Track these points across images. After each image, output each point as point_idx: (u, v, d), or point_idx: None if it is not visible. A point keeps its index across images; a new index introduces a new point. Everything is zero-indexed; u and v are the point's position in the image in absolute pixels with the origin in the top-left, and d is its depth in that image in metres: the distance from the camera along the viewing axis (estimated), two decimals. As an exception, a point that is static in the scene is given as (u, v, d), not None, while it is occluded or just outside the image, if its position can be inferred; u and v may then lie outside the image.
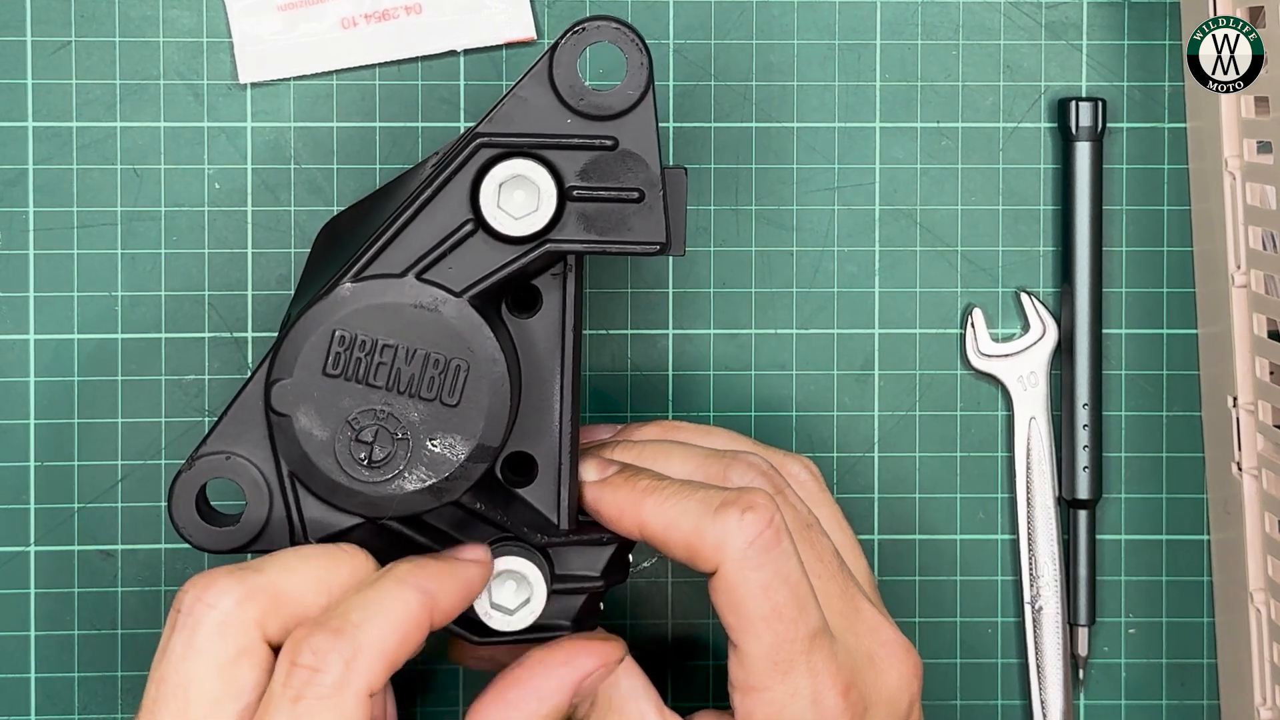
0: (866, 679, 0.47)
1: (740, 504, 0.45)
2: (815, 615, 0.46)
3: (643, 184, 0.45)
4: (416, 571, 0.42)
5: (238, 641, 0.40)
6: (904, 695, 0.47)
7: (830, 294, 0.57)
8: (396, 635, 0.41)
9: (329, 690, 0.39)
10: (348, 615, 0.40)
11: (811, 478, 0.51)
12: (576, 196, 0.45)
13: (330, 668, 0.39)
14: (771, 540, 0.45)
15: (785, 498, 0.48)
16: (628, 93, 0.45)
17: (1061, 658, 0.57)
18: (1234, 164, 0.53)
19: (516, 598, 0.45)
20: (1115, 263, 0.57)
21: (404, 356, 0.45)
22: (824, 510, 0.50)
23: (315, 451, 0.45)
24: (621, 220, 0.45)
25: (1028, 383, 0.57)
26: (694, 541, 0.45)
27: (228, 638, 0.40)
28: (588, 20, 0.45)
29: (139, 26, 0.56)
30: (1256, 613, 0.54)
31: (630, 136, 0.45)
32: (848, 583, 0.48)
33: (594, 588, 0.47)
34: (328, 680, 0.39)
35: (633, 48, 0.45)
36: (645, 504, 0.46)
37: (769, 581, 0.45)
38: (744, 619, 0.45)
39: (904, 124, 0.57)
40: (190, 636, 0.40)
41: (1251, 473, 0.54)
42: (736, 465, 0.48)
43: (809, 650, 0.45)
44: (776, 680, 0.45)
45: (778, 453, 0.51)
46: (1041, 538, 0.57)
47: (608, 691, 0.48)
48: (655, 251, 0.46)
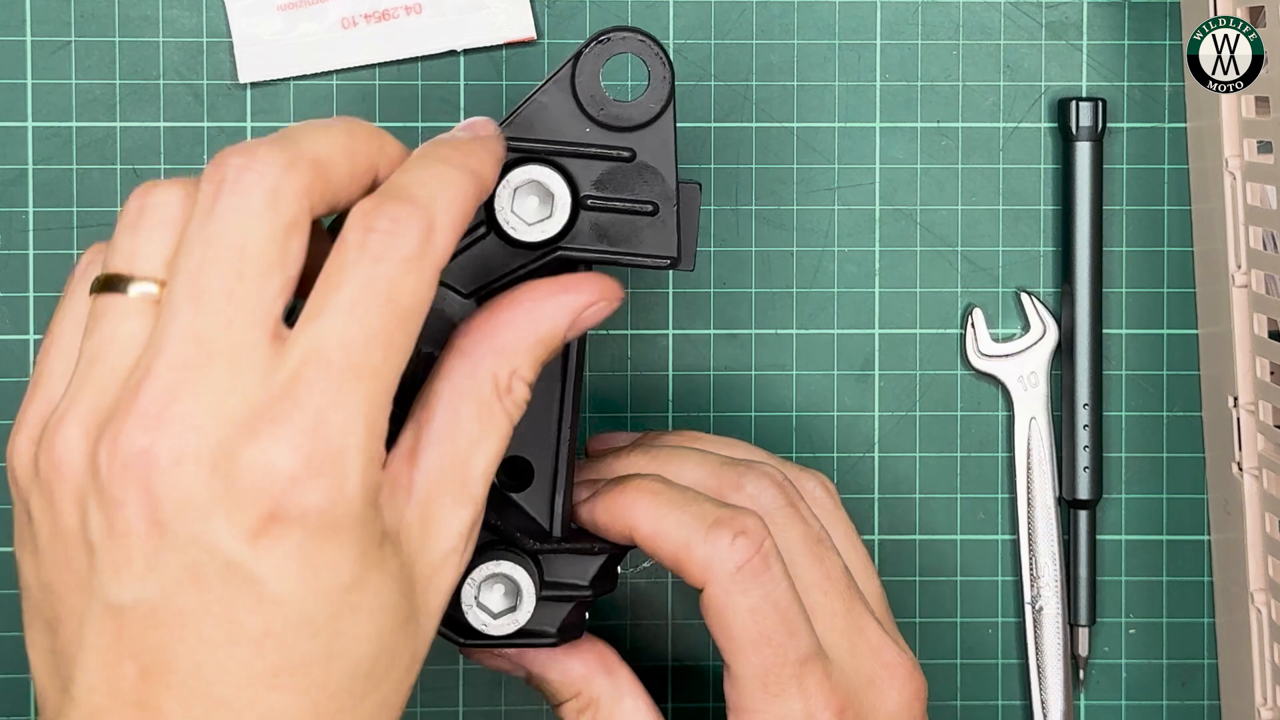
0: (865, 700, 0.46)
1: (732, 526, 0.45)
2: (806, 638, 0.45)
3: (658, 198, 0.45)
4: (455, 154, 0.40)
5: (290, 210, 0.37)
6: (904, 718, 0.47)
7: (830, 294, 0.57)
8: (461, 212, 0.39)
9: (411, 253, 0.37)
10: (413, 190, 0.38)
11: (827, 495, 0.50)
12: (591, 206, 0.45)
13: (409, 234, 0.37)
14: (759, 566, 0.45)
15: (798, 511, 0.48)
16: (649, 105, 0.45)
17: (1062, 658, 0.57)
18: (1234, 164, 0.53)
19: (504, 602, 0.45)
20: (1115, 263, 0.57)
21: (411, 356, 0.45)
22: (838, 528, 0.50)
23: None
24: (634, 232, 0.45)
25: (1028, 383, 0.57)
26: (682, 556, 0.45)
27: (280, 207, 0.37)
28: (613, 30, 0.45)
29: (139, 26, 0.56)
30: (1257, 613, 0.54)
31: (649, 150, 0.45)
32: (854, 601, 0.47)
33: (582, 597, 0.47)
34: (409, 245, 0.37)
35: (656, 61, 0.45)
36: (637, 507, 0.46)
37: (756, 606, 0.45)
38: (733, 642, 0.45)
39: (904, 124, 0.57)
40: (244, 202, 0.37)
41: (1252, 473, 0.54)
42: (750, 475, 0.48)
43: (799, 674, 0.45)
44: (767, 702, 0.45)
45: (794, 467, 0.51)
46: (1042, 538, 0.57)
47: (609, 708, 0.47)
48: (665, 266, 0.46)
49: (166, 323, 0.36)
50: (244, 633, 0.35)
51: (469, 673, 0.57)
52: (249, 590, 0.35)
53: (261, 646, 0.35)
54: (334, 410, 0.36)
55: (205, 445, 0.35)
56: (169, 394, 0.35)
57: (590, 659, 0.48)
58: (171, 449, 0.35)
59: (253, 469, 0.35)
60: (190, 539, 0.35)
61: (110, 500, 0.35)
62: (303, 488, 0.35)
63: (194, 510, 0.35)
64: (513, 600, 0.45)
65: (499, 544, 0.46)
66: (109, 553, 0.36)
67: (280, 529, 0.35)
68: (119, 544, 0.35)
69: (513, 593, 0.45)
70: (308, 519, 0.35)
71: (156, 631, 0.35)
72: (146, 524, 0.35)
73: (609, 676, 0.48)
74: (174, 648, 0.35)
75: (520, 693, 0.57)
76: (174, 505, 0.35)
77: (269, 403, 0.35)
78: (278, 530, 0.35)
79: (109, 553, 0.36)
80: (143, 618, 0.36)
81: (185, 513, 0.35)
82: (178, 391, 0.35)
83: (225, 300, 0.36)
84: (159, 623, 0.35)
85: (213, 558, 0.35)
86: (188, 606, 0.35)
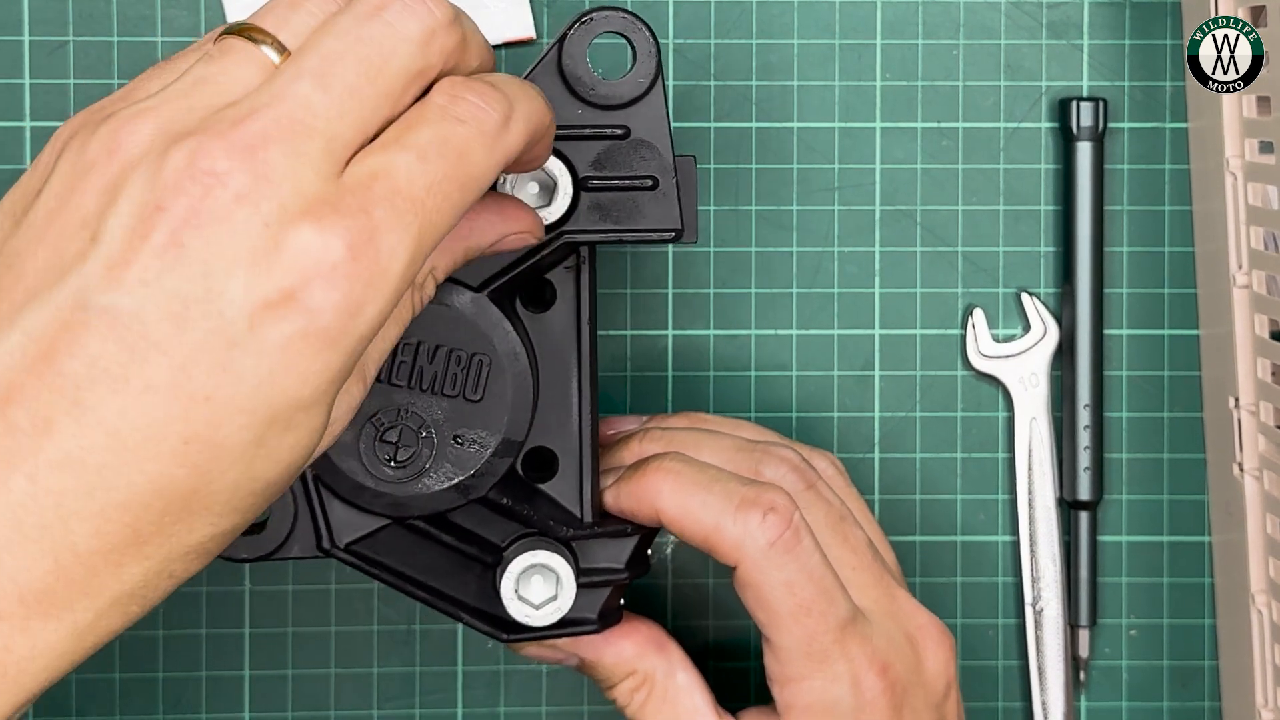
0: (905, 659, 0.47)
1: (761, 504, 0.46)
2: (844, 604, 0.46)
3: (656, 171, 0.46)
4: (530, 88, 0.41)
5: (431, 58, 0.37)
6: (941, 678, 0.48)
7: (830, 294, 0.57)
8: (532, 126, 0.39)
9: (490, 129, 0.37)
10: (501, 84, 0.39)
11: (838, 473, 0.51)
12: (591, 186, 0.45)
13: (492, 113, 0.38)
14: (792, 540, 0.46)
15: (818, 491, 0.49)
16: (638, 80, 0.45)
17: (1062, 659, 0.57)
18: (1235, 164, 0.53)
19: (545, 592, 0.45)
20: (1116, 263, 0.57)
21: (425, 354, 0.45)
22: (852, 503, 0.51)
23: (339, 453, 0.45)
24: (636, 208, 0.46)
25: (1029, 383, 0.57)
26: (713, 537, 0.46)
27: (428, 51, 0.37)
28: (595, 10, 0.45)
29: (137, 26, 0.56)
30: (1258, 614, 0.54)
31: (642, 124, 0.46)
32: (882, 572, 0.48)
33: (618, 580, 0.47)
34: (490, 121, 0.37)
35: (641, 36, 0.45)
36: (663, 489, 0.47)
37: (792, 579, 0.46)
38: (773, 615, 0.46)
39: (904, 124, 0.57)
40: (406, 27, 0.37)
41: (1253, 474, 0.54)
42: (769, 459, 0.49)
43: (842, 638, 0.46)
44: (813, 669, 0.46)
45: (804, 447, 0.52)
46: (1042, 539, 0.57)
47: (663, 683, 0.48)
48: (671, 238, 0.46)
49: (288, 81, 0.36)
50: (182, 389, 0.34)
51: (469, 673, 0.57)
52: (220, 353, 0.34)
53: (189, 412, 0.34)
54: (388, 233, 0.35)
55: (272, 200, 0.34)
56: (264, 138, 0.35)
57: (641, 638, 0.49)
58: (241, 186, 0.34)
59: (299, 244, 0.34)
60: (200, 273, 0.34)
61: (151, 202, 0.34)
62: (331, 282, 0.34)
63: (223, 251, 0.34)
64: (553, 589, 0.45)
65: (533, 534, 0.46)
66: (113, 247, 0.34)
67: (287, 311, 0.34)
68: (130, 245, 0.34)
69: (552, 581, 0.45)
70: (317, 316, 0.34)
71: (104, 343, 0.34)
72: (169, 239, 0.34)
73: (661, 653, 0.49)
74: (109, 365, 0.34)
75: (520, 693, 0.57)
76: (207, 237, 0.34)
77: (338, 194, 0.35)
78: (284, 311, 0.34)
79: (113, 247, 0.34)
80: (102, 323, 0.34)
81: (213, 247, 0.34)
82: (272, 141, 0.35)
83: (348, 94, 0.36)
84: (113, 336, 0.34)
85: (208, 304, 0.34)
86: (152, 335, 0.34)
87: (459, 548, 0.46)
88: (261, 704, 0.57)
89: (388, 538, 0.46)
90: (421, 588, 0.47)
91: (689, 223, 0.46)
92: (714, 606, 0.57)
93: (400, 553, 0.46)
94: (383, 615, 0.57)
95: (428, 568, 0.47)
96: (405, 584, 0.47)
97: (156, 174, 0.35)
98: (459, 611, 0.47)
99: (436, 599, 0.47)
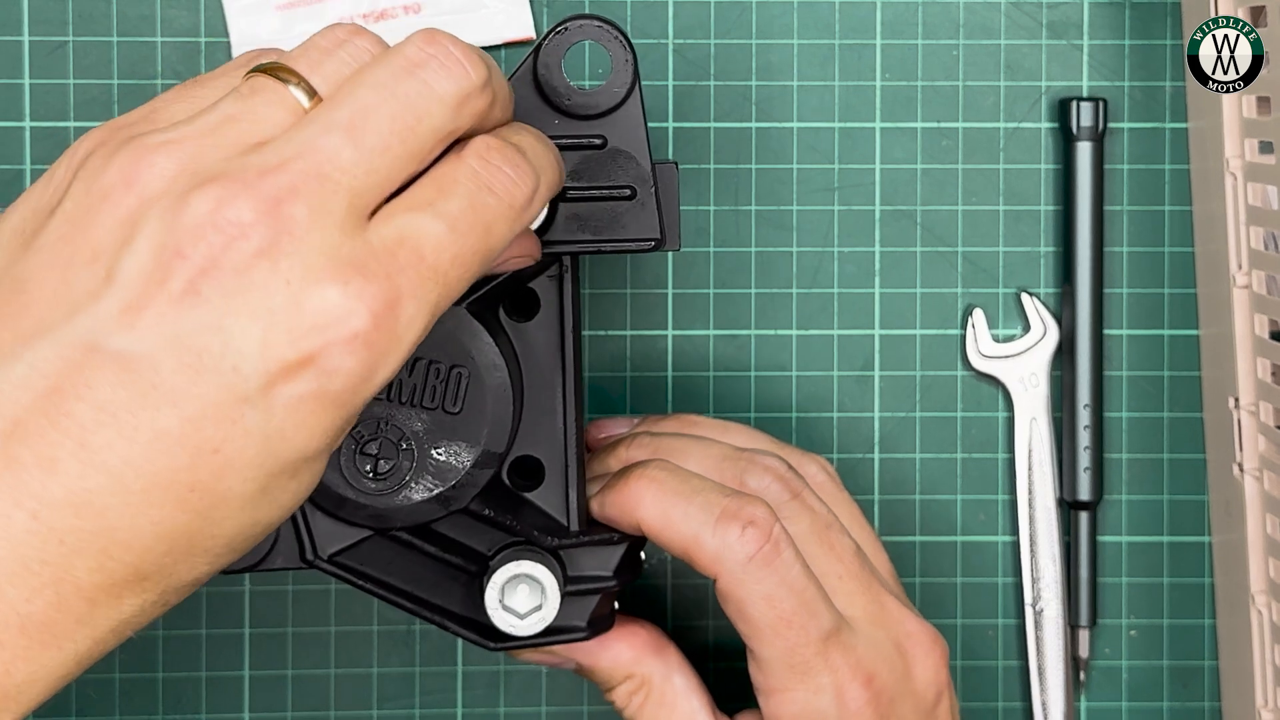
0: (893, 668, 0.47)
1: (741, 517, 0.45)
2: (827, 615, 0.46)
3: (634, 181, 0.45)
4: (555, 152, 0.41)
5: (461, 122, 0.37)
6: (931, 686, 0.48)
7: (830, 294, 0.57)
8: (554, 193, 0.40)
9: (517, 204, 0.38)
10: (532, 156, 0.39)
11: (829, 478, 0.51)
12: (568, 198, 0.45)
13: (523, 187, 0.38)
14: (771, 554, 0.45)
15: (803, 501, 0.48)
16: (614, 90, 0.45)
17: (1062, 659, 0.57)
18: (1235, 164, 0.53)
19: (530, 601, 0.45)
20: (1116, 263, 0.57)
21: (405, 367, 0.45)
22: (842, 509, 0.50)
23: None
24: (615, 219, 0.45)
25: (1028, 384, 0.57)
26: (692, 548, 0.46)
27: (458, 114, 0.37)
28: (570, 20, 0.45)
29: (136, 26, 0.56)
30: (1258, 614, 0.54)
31: (619, 134, 0.45)
32: (870, 580, 0.48)
33: (607, 587, 0.47)
34: (519, 196, 0.38)
35: (616, 44, 0.45)
36: (644, 499, 0.46)
37: (772, 593, 0.45)
38: (754, 628, 0.46)
39: (904, 124, 0.57)
40: (442, 88, 0.37)
41: (1253, 474, 0.54)
42: (754, 469, 0.48)
43: (824, 650, 0.46)
44: (796, 681, 0.46)
45: (795, 452, 0.51)
46: (1042, 539, 0.57)
47: (661, 686, 0.48)
48: (651, 247, 0.45)
49: (319, 133, 0.35)
50: (190, 440, 0.34)
51: (468, 673, 0.57)
52: (231, 408, 0.34)
53: (196, 463, 0.34)
54: (409, 301, 0.35)
55: (294, 258, 0.34)
56: (291, 191, 0.34)
57: (638, 641, 0.49)
58: (264, 239, 0.34)
59: (322, 306, 0.34)
60: (216, 326, 0.34)
61: (171, 246, 0.34)
62: (351, 349, 0.34)
63: (242, 306, 0.34)
64: (538, 599, 0.45)
65: (518, 544, 0.46)
66: (128, 290, 0.34)
67: (305, 375, 0.34)
68: (146, 289, 0.34)
69: (537, 591, 0.45)
70: (332, 380, 0.34)
71: (114, 388, 0.33)
72: (186, 287, 0.34)
73: (659, 656, 0.49)
74: (117, 410, 0.34)
75: (520, 693, 0.57)
76: (227, 289, 0.34)
77: (364, 256, 0.35)
78: (301, 374, 0.34)
79: (128, 290, 0.34)
80: (113, 367, 0.34)
81: (231, 300, 0.34)
82: (299, 196, 0.34)
83: (379, 151, 0.36)
84: (124, 381, 0.33)
85: (223, 358, 0.34)
86: (164, 384, 0.34)
87: (443, 557, 0.46)
88: (261, 704, 0.57)
89: (371, 548, 0.46)
90: (407, 597, 0.47)
91: (670, 231, 0.46)
92: (714, 607, 0.57)
93: (384, 563, 0.46)
94: (382, 615, 0.57)
95: (413, 577, 0.47)
96: (391, 594, 0.46)
97: (177, 216, 0.34)
98: (445, 621, 0.47)
99: (422, 608, 0.47)
